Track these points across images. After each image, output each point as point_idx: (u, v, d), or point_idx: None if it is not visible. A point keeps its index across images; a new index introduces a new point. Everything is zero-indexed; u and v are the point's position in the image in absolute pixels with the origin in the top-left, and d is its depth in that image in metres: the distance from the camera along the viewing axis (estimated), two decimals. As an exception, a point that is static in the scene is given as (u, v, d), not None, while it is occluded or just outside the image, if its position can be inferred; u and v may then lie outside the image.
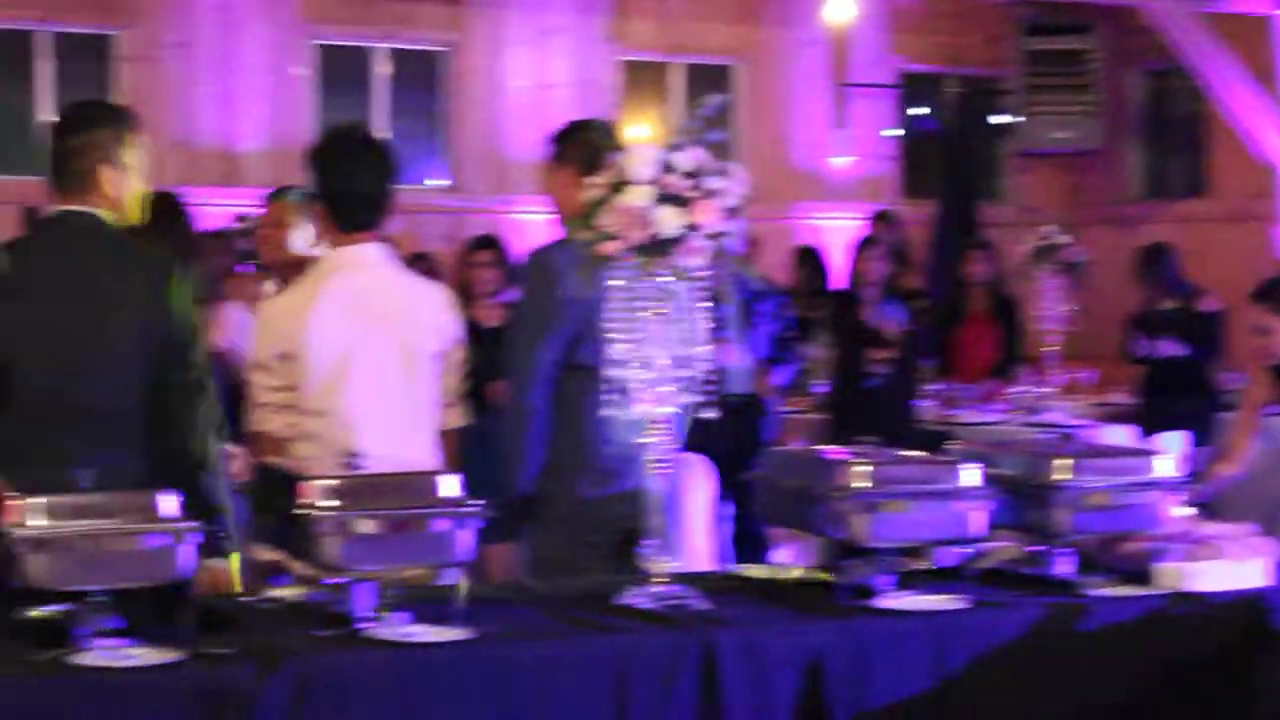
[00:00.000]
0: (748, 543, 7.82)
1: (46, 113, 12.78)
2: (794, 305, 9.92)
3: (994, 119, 14.31)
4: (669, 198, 4.06)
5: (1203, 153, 14.01)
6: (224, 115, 13.00)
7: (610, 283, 4.19)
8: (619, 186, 4.09)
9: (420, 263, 9.28)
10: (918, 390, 9.70)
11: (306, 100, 13.40)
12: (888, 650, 4.21)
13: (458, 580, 4.15)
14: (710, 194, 4.09)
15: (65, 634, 3.78)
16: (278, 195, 6.72)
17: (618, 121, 4.88)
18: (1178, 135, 14.23)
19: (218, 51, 12.98)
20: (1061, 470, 4.56)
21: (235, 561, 4.80)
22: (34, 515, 3.72)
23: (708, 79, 13.57)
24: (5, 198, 10.70)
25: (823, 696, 4.13)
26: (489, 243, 9.38)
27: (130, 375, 4.46)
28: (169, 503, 3.84)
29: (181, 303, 4.54)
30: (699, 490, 5.80)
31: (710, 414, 4.29)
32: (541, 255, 5.16)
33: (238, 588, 4.85)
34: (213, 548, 4.28)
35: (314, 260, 5.36)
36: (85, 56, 13.01)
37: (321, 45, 13.79)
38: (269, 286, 6.57)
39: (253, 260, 7.69)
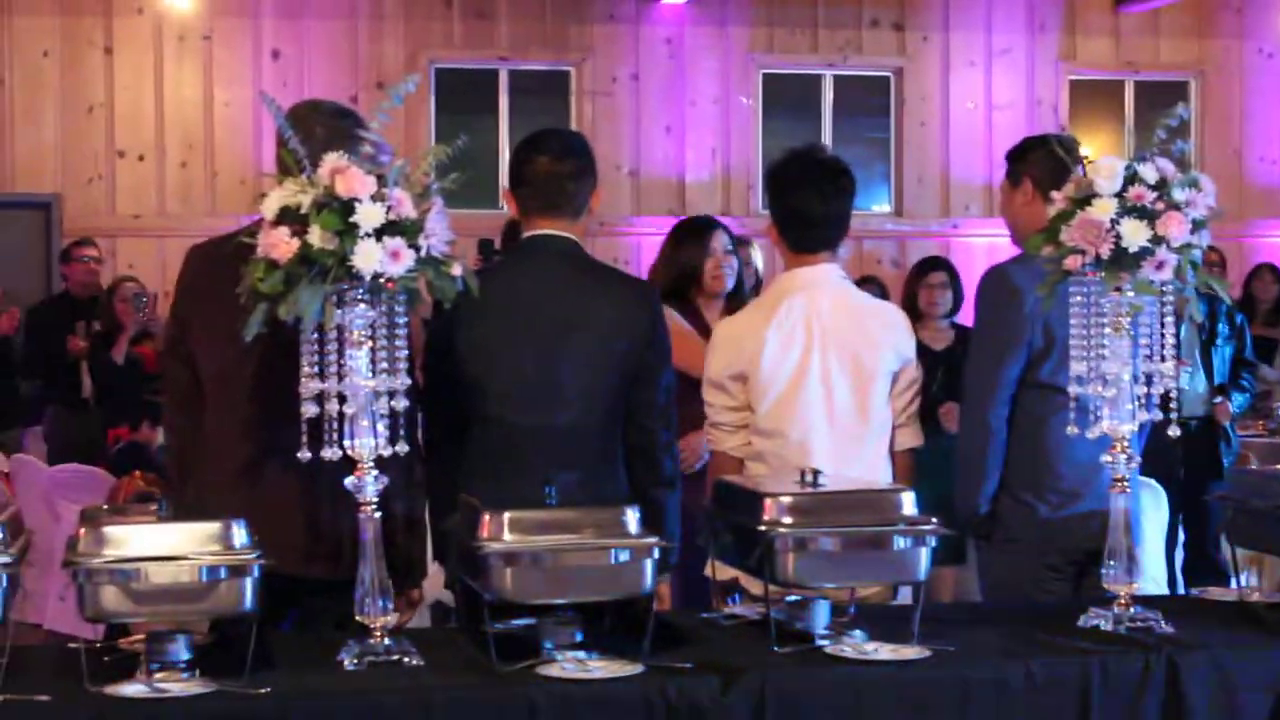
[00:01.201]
0: (1201, 566, 7.61)
1: (506, 150, 13.19)
2: (1252, 324, 9.66)
3: None
4: (1135, 210, 3.98)
5: None
6: (673, 145, 13.26)
7: (1073, 299, 4.13)
8: (1083, 200, 4.03)
9: (869, 286, 9.27)
10: None
11: (754, 129, 13.56)
12: None
13: (915, 599, 4.16)
14: (1177, 206, 4.01)
15: (532, 646, 3.89)
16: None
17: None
18: None
19: (667, 83, 13.28)
20: None
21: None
22: (506, 530, 3.81)
23: (1161, 96, 13.19)
24: (466, 231, 11.11)
25: None
26: (941, 264, 9.25)
27: (601, 395, 4.56)
28: (635, 518, 3.89)
29: (655, 328, 4.64)
30: (1155, 513, 5.65)
31: (1173, 432, 4.19)
32: (1000, 273, 5.09)
33: (667, 605, 4.92)
34: (662, 565, 4.35)
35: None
36: (543, 92, 13.45)
37: (768, 74, 13.91)
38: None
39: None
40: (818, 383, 5.00)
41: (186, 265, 4.51)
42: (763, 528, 4.00)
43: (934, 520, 4.07)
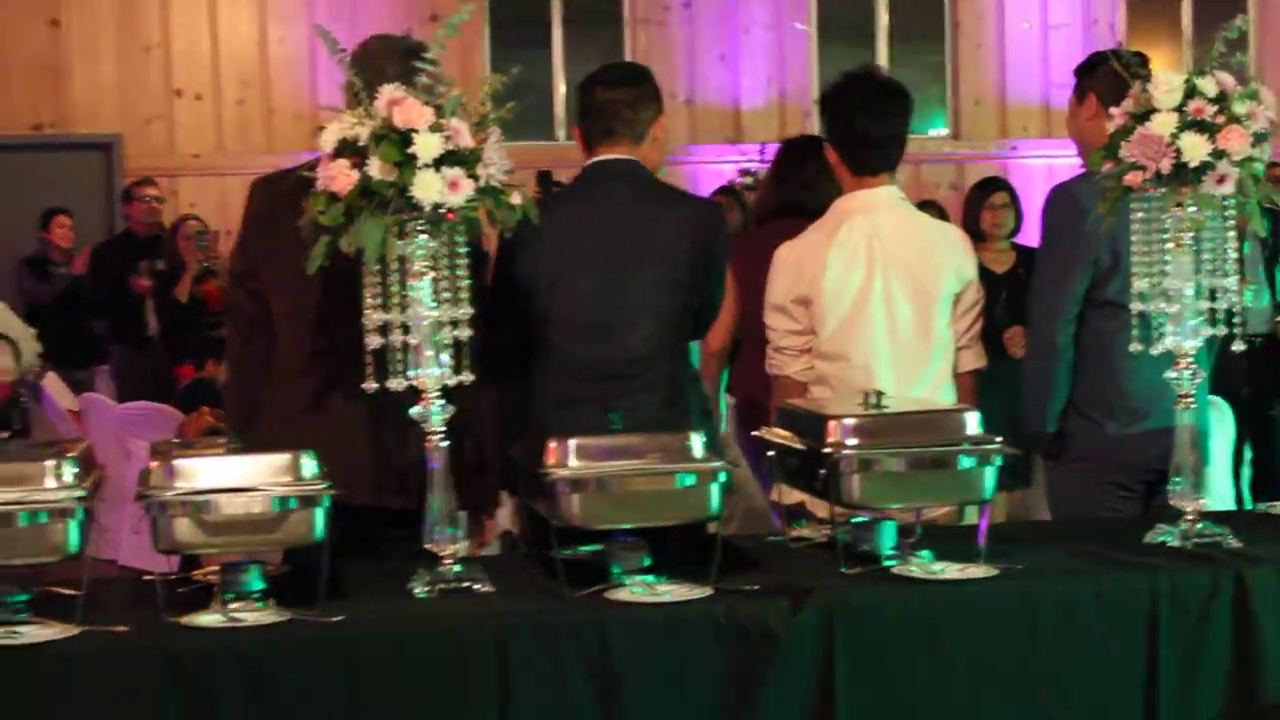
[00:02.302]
0: (1268, 483, 7.60)
1: (560, 81, 13.19)
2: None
3: None
4: (1194, 124, 3.96)
5: None
6: (728, 73, 13.25)
7: (1135, 215, 4.13)
8: (1142, 115, 4.02)
9: (929, 209, 9.25)
10: None
11: (807, 55, 13.52)
12: None
13: (982, 519, 4.14)
14: (1237, 119, 3.98)
15: (601, 571, 3.92)
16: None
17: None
18: None
19: (720, 10, 13.25)
20: None
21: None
22: (572, 456, 3.86)
23: (1219, 10, 13.10)
24: (523, 163, 11.11)
25: None
26: (1002, 185, 9.20)
27: (665, 319, 4.59)
28: (701, 443, 3.90)
29: (717, 254, 4.65)
30: (1221, 430, 5.64)
31: (1238, 348, 4.19)
32: (1065, 191, 5.08)
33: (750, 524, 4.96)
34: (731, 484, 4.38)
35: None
36: (595, 21, 13.48)
37: None
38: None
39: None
40: (880, 305, 5.01)
41: (250, 199, 4.54)
42: (827, 450, 4.01)
43: (999, 440, 4.08)
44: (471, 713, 3.70)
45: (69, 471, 3.69)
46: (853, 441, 4.02)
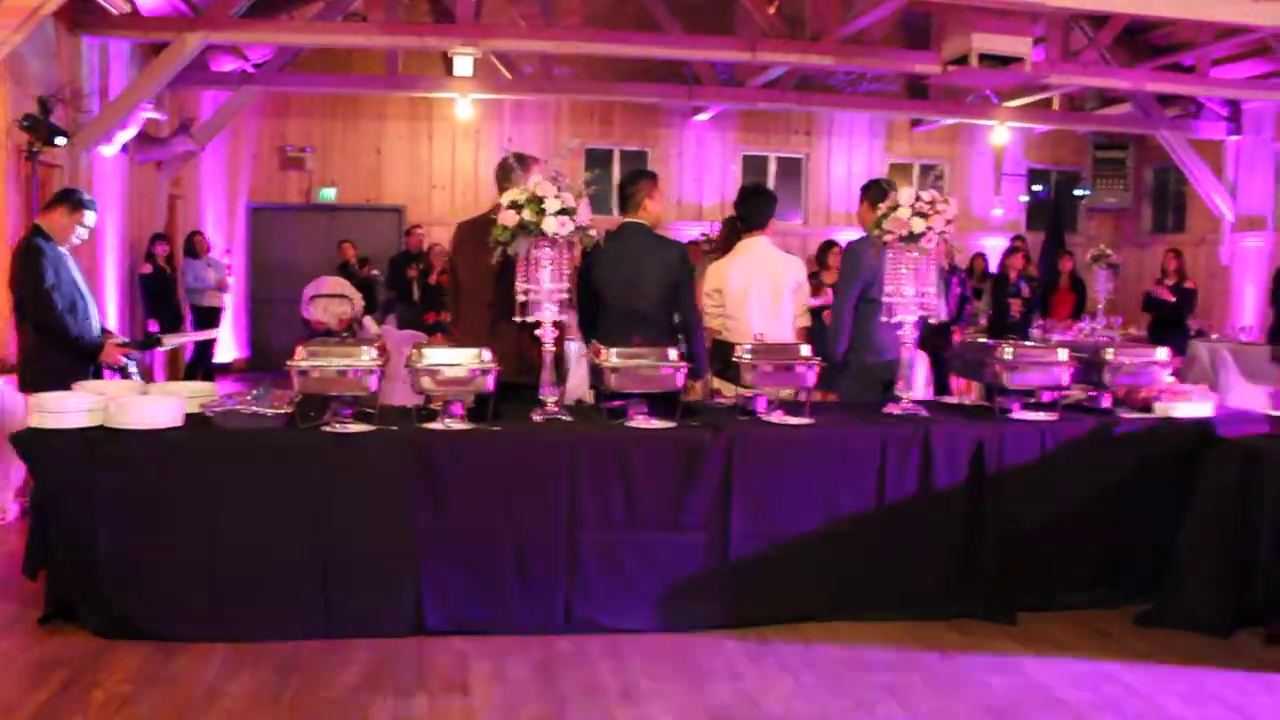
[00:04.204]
0: (939, 390, 7.59)
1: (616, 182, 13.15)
2: (970, 280, 9.82)
3: (1077, 192, 13.81)
4: (919, 213, 4.02)
5: (1184, 210, 13.31)
6: (697, 187, 13.42)
7: (888, 256, 4.16)
8: (894, 207, 4.07)
9: (828, 247, 9.06)
10: (1034, 324, 9.47)
11: (735, 181, 13.27)
12: (1014, 438, 4.10)
13: (808, 397, 4.20)
14: (939, 212, 4.03)
15: (624, 413, 3.99)
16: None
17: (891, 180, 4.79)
18: (1170, 201, 13.68)
19: (696, 157, 13.49)
20: (1108, 354, 4.40)
21: (699, 384, 4.95)
22: (611, 356, 3.92)
23: (931, 169, 13.47)
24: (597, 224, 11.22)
25: (983, 459, 4.06)
26: (832, 244, 9.05)
27: (657, 294, 4.51)
28: (673, 352, 3.96)
29: (684, 269, 4.60)
30: (921, 363, 5.70)
31: (932, 321, 4.28)
32: (852, 246, 5.02)
33: (702, 396, 4.98)
34: (694, 375, 4.37)
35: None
36: (635, 160, 13.13)
37: (745, 154, 13.58)
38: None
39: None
40: (755, 293, 4.95)
41: (456, 233, 4.52)
42: (735, 359, 4.11)
43: (817, 358, 4.15)
44: (557, 479, 3.75)
45: (371, 353, 3.78)
46: (747, 356, 4.10)
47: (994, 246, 12.99)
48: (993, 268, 11.15)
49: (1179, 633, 3.94)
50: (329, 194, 12.71)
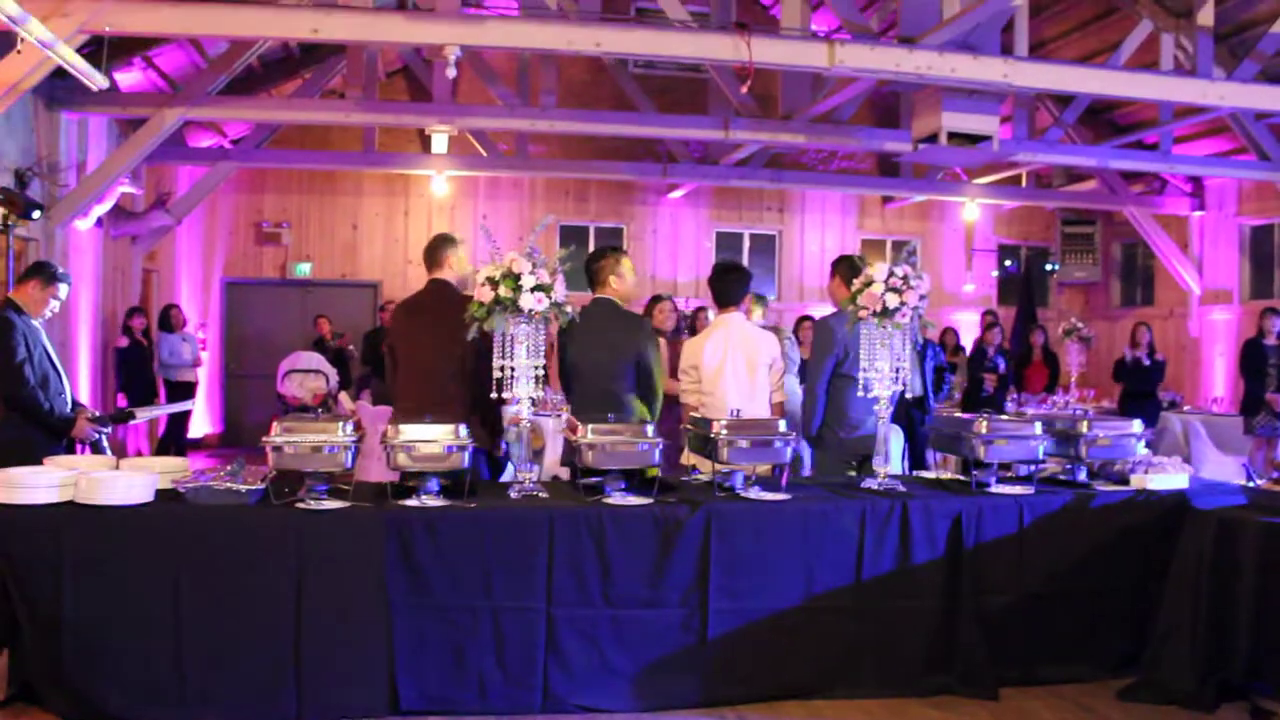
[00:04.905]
0: (915, 464, 7.66)
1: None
2: (945, 353, 9.90)
3: (1047, 266, 14.03)
4: (893, 289, 4.08)
5: (1152, 284, 13.57)
6: (671, 263, 13.50)
7: (862, 331, 4.21)
8: (868, 283, 4.14)
9: (807, 319, 9.03)
10: (1008, 398, 9.56)
11: (709, 257, 13.58)
12: (992, 512, 4.11)
13: (783, 472, 4.21)
14: (912, 287, 4.09)
15: (601, 490, 3.96)
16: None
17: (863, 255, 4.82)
18: (1139, 275, 13.94)
19: (670, 233, 13.60)
20: (1083, 426, 4.44)
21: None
22: (588, 433, 3.93)
23: (903, 245, 13.53)
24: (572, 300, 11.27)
25: (961, 533, 4.07)
26: (807, 318, 8.98)
27: (626, 371, 4.54)
28: (651, 429, 3.94)
29: (651, 345, 4.64)
30: (896, 438, 5.73)
31: (908, 396, 4.33)
32: (824, 321, 5.09)
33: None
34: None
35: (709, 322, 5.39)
36: (610, 237, 13.29)
37: (719, 231, 13.75)
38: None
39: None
40: (730, 369, 4.99)
41: (392, 315, 4.64)
42: (713, 434, 4.10)
43: (793, 434, 4.16)
44: (535, 555, 3.72)
45: (348, 429, 3.75)
46: (724, 433, 4.09)
47: (966, 321, 13.19)
48: (964, 342, 11.28)
49: (1162, 708, 3.91)
50: (304, 269, 12.74)
